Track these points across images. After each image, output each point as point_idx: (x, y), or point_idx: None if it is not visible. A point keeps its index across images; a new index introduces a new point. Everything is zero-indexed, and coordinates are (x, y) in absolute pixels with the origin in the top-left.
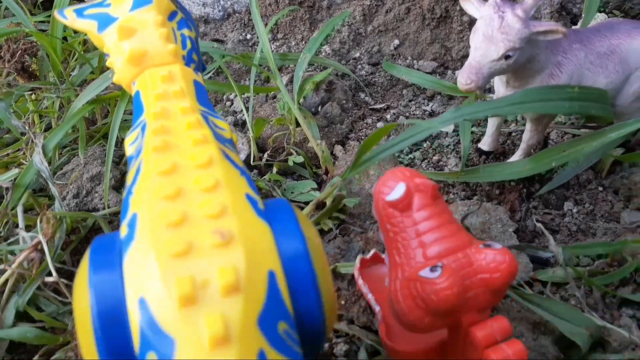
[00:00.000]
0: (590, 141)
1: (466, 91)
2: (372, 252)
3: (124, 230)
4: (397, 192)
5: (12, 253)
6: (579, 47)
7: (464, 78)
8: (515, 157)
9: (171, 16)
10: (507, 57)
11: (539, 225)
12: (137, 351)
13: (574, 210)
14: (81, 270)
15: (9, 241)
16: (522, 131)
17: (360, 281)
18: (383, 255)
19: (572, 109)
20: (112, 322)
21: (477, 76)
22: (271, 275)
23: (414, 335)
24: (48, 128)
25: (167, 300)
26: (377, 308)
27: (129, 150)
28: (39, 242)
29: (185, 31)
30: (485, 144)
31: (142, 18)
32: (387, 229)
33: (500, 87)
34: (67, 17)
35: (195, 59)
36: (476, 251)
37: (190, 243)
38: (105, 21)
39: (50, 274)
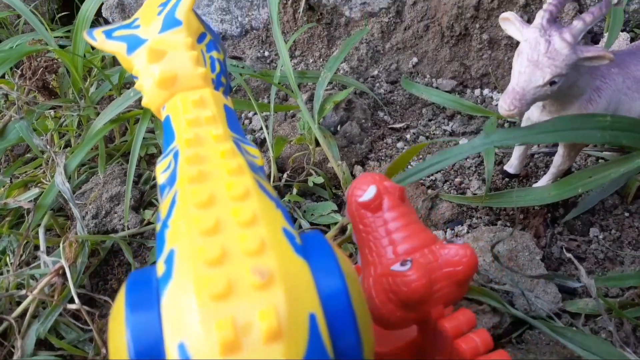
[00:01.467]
0: (617, 167)
1: (508, 116)
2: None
3: (160, 268)
4: (368, 194)
5: (34, 277)
6: (617, 72)
7: (507, 104)
8: (543, 181)
9: (200, 38)
10: (552, 83)
11: (569, 255)
12: None
13: (600, 237)
14: (117, 306)
15: (31, 266)
16: (546, 153)
17: None
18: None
19: (604, 138)
20: None
21: (520, 102)
22: (312, 319)
23: (386, 336)
24: (67, 145)
25: (208, 346)
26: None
27: (160, 178)
28: (61, 267)
29: (214, 53)
30: (511, 167)
31: (172, 40)
32: (359, 229)
33: (535, 111)
34: (97, 38)
35: (224, 82)
36: (440, 247)
37: (230, 283)
38: (134, 43)
39: (72, 301)
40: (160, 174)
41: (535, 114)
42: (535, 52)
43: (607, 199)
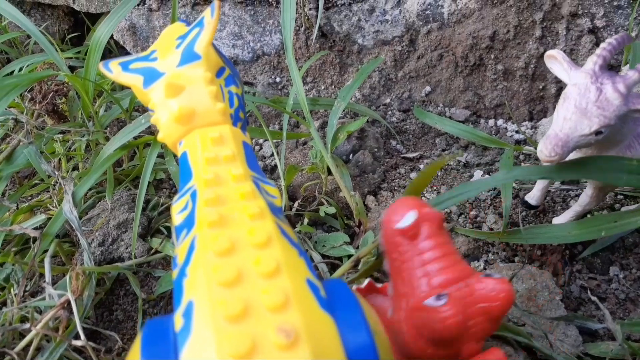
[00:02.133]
0: None
1: (547, 162)
2: (366, 281)
3: (178, 321)
4: (407, 220)
5: (38, 309)
6: None
7: (548, 150)
8: (564, 217)
9: (219, 73)
10: (598, 133)
11: (593, 298)
12: None
13: (621, 276)
14: (132, 357)
15: (36, 299)
16: (565, 190)
17: None
18: (378, 285)
19: (630, 182)
20: None
21: (562, 149)
22: None
23: None
24: (74, 168)
25: None
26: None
27: (176, 218)
28: (67, 300)
29: (233, 88)
30: (533, 199)
31: (190, 74)
32: (393, 258)
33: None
34: (113, 70)
35: (242, 117)
36: (477, 281)
37: (253, 342)
38: (151, 76)
39: (77, 336)
40: (177, 215)
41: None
42: (585, 99)
43: (628, 236)
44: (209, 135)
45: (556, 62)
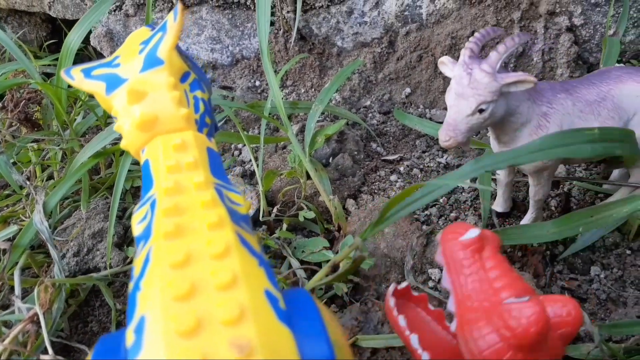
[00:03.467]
0: (620, 207)
1: (447, 147)
2: (404, 283)
3: (130, 337)
4: (471, 234)
5: (7, 324)
6: (565, 97)
7: (443, 135)
8: (527, 217)
9: (184, 77)
10: (480, 110)
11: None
12: None
13: (602, 276)
14: None
15: (4, 312)
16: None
17: (395, 313)
18: (414, 293)
19: (595, 151)
20: None
21: (454, 132)
22: None
23: None
24: (50, 177)
25: None
26: (422, 354)
27: (136, 229)
28: (35, 314)
29: (198, 93)
30: (498, 205)
31: (153, 80)
32: (457, 273)
33: (494, 144)
34: (74, 77)
35: (209, 122)
36: (545, 297)
37: (204, 358)
38: (113, 82)
39: (46, 351)
40: (137, 225)
41: (495, 147)
42: (460, 85)
43: (608, 236)
44: (171, 142)
45: (444, 65)
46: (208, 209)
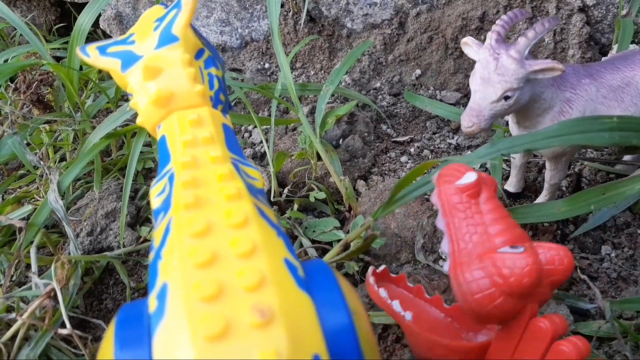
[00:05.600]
0: (632, 184)
1: (468, 134)
2: (382, 267)
3: (152, 303)
4: (468, 178)
5: (24, 300)
6: (589, 82)
7: (466, 121)
8: (541, 198)
9: (198, 54)
10: (506, 97)
11: (583, 277)
12: None
13: (612, 255)
14: (106, 343)
15: (21, 288)
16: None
17: (375, 287)
18: (393, 275)
19: (612, 139)
20: None
21: (478, 118)
22: None
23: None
24: (62, 159)
25: None
26: (405, 314)
27: (154, 202)
28: (53, 289)
29: (213, 70)
30: (511, 185)
31: (168, 57)
32: (452, 215)
33: (514, 128)
34: (90, 54)
35: (223, 99)
36: (539, 245)
37: (227, 322)
38: (129, 59)
39: (63, 325)
40: (155, 198)
41: (514, 131)
42: (486, 70)
43: (619, 215)
44: (187, 118)
45: (469, 47)
46: (226, 181)
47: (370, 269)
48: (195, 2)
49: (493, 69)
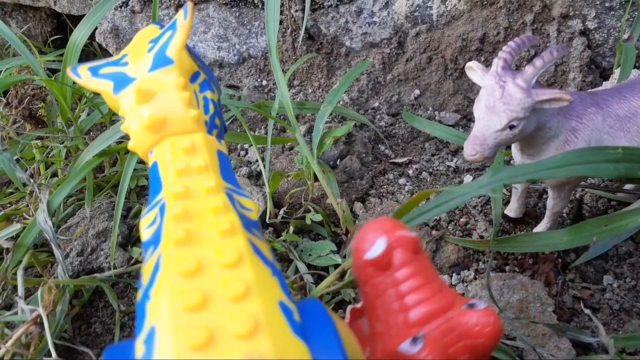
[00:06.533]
0: (635, 216)
1: (472, 161)
2: (360, 304)
3: (140, 348)
4: (377, 248)
5: (10, 325)
6: (595, 111)
7: (469, 149)
8: (541, 226)
9: (193, 77)
10: (511, 127)
11: (587, 311)
12: None
13: (615, 285)
14: None
15: (7, 314)
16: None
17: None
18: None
19: (617, 171)
20: None
21: (482, 147)
22: None
23: None
24: (54, 175)
25: None
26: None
27: (144, 234)
28: (39, 316)
29: (208, 94)
30: (511, 211)
31: (162, 80)
32: (366, 292)
33: (517, 155)
34: (81, 76)
35: (218, 124)
36: (460, 314)
37: None
38: (121, 81)
39: (49, 354)
40: (145, 230)
41: (517, 158)
42: (492, 98)
43: (621, 244)
44: (181, 145)
45: (473, 72)
46: (219, 215)
47: (349, 309)
48: (191, 24)
49: (499, 97)
